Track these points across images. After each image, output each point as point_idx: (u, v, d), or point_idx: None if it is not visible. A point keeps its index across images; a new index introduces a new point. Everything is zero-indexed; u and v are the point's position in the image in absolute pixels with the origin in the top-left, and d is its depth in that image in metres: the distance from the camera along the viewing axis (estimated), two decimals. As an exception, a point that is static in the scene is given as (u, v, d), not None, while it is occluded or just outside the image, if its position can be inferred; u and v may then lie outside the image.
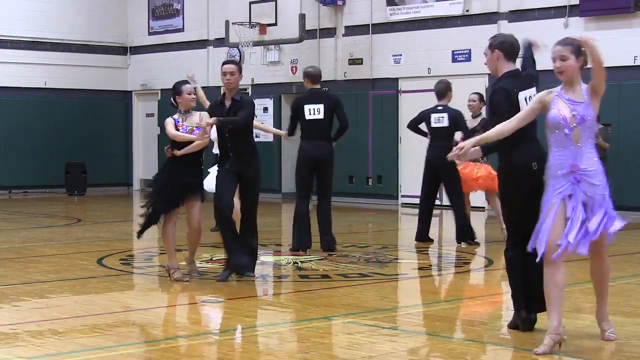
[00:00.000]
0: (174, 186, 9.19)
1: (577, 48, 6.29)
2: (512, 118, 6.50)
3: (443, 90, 12.64)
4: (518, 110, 6.58)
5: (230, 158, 9.37)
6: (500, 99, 6.71)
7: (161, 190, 9.26)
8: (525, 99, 6.73)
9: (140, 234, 9.47)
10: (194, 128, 9.17)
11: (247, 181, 9.38)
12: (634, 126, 16.15)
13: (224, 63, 9.53)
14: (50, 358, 6.13)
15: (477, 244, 12.29)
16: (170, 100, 9.48)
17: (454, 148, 6.61)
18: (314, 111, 11.53)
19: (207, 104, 9.96)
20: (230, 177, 9.35)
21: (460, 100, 14.38)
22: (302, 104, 11.60)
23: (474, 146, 6.63)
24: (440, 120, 12.34)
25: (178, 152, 9.18)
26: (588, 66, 6.34)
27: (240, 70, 9.48)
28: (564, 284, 6.34)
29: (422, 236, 12.49)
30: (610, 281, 9.46)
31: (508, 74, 6.82)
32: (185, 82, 9.48)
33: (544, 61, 7.08)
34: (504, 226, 12.53)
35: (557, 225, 6.22)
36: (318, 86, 11.80)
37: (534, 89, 6.85)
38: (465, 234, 12.34)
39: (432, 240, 12.56)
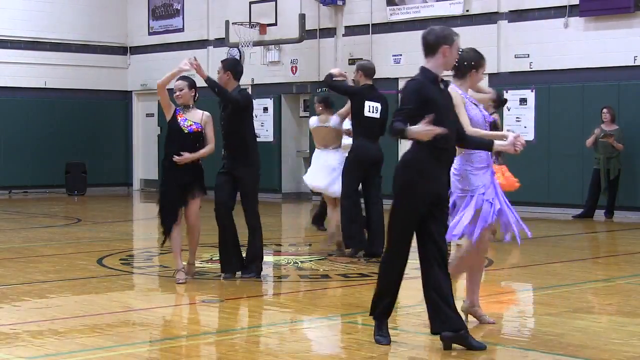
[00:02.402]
0: (172, 188, 9.15)
1: None
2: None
3: None
4: None
5: (224, 155, 9.39)
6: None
7: (164, 194, 9.27)
8: None
9: (163, 243, 9.45)
10: (192, 123, 9.16)
11: (240, 182, 9.36)
12: (634, 126, 16.14)
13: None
14: (50, 358, 6.13)
15: None
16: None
17: None
18: (372, 109, 10.85)
19: (205, 75, 9.47)
20: (225, 177, 9.35)
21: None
22: (364, 99, 10.82)
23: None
24: None
25: (180, 159, 9.05)
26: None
27: (227, 68, 9.36)
28: None
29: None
30: (610, 281, 9.53)
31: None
32: (181, 78, 9.27)
33: (543, 62, 7.07)
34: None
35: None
36: (371, 82, 11.01)
37: None
38: None
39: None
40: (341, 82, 10.98)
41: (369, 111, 10.81)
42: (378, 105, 10.88)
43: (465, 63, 6.91)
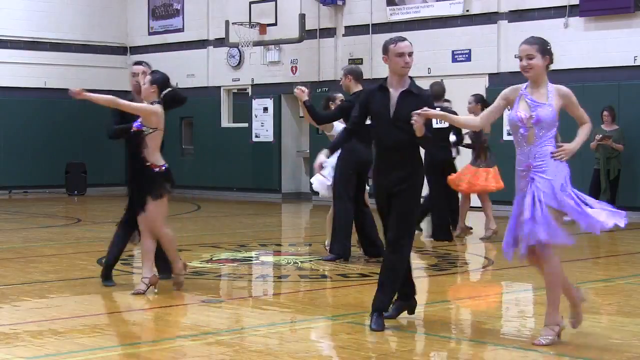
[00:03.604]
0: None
1: (543, 47, 6.43)
2: (481, 114, 6.83)
3: (441, 92, 12.81)
4: None
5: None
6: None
7: None
8: None
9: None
10: (137, 122, 8.77)
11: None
12: (634, 126, 16.14)
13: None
14: (50, 358, 6.13)
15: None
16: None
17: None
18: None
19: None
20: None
21: (460, 101, 14.40)
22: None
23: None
24: (440, 122, 12.34)
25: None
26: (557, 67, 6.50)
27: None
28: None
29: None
30: (610, 281, 9.53)
31: None
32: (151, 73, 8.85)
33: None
34: (494, 226, 12.65)
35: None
36: (361, 86, 10.70)
37: None
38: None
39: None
40: (327, 112, 10.74)
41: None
42: None
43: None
